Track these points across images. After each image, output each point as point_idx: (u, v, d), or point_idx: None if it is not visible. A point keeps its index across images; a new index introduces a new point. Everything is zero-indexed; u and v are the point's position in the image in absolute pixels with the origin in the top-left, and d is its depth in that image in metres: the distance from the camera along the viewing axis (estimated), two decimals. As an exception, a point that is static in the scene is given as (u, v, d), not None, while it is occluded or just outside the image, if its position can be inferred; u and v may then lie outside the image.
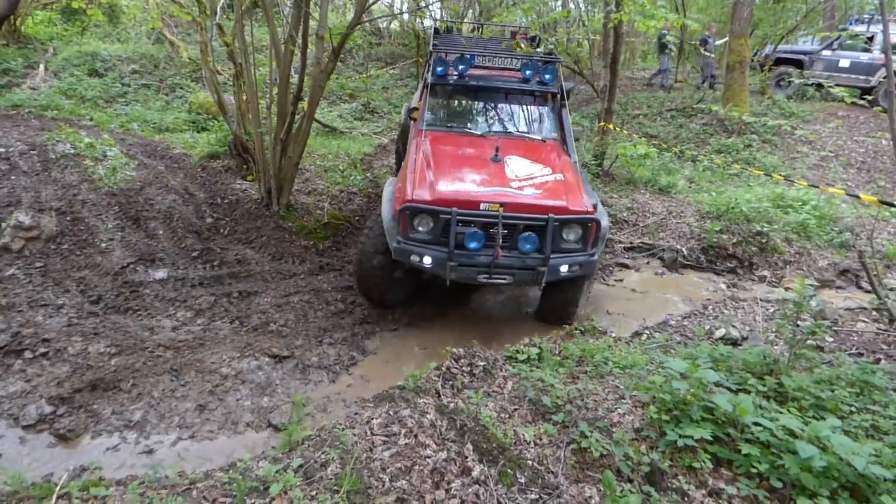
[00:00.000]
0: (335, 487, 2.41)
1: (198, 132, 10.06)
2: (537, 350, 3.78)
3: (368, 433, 2.88)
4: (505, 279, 4.24)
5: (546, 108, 5.58)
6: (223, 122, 8.55)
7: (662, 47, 14.09)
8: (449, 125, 5.43)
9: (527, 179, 4.49)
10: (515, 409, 3.06)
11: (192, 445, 3.36)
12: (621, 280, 6.13)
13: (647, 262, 6.58)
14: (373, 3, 8.70)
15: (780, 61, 13.76)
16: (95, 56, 13.62)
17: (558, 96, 5.54)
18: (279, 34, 6.75)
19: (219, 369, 4.05)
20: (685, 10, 14.20)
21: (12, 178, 6.58)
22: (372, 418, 3.01)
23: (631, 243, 6.87)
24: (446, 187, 4.33)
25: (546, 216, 4.12)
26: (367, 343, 4.63)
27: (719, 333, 4.58)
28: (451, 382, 3.37)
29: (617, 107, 10.56)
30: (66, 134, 7.94)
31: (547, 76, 5.40)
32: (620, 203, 7.74)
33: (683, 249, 6.62)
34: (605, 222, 4.65)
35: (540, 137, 5.32)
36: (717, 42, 14.66)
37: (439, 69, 5.36)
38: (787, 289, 5.64)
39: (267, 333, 4.71)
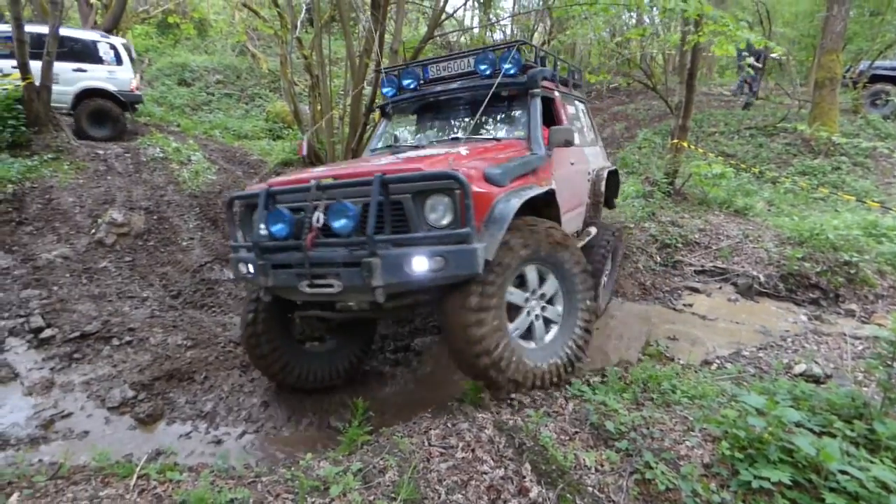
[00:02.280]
0: (392, 495, 2.43)
1: (273, 140, 10.58)
2: (600, 373, 3.67)
3: (426, 443, 2.89)
4: (332, 287, 2.97)
5: (514, 104, 4.34)
6: (298, 130, 8.93)
7: (743, 67, 13.44)
8: (390, 146, 4.52)
9: (411, 161, 3.28)
10: (576, 432, 2.98)
11: (256, 439, 3.49)
12: (690, 305, 5.86)
13: (720, 288, 6.27)
14: (445, 19, 8.88)
15: (875, 78, 12.82)
16: (185, 67, 14.63)
17: (535, 87, 4.25)
18: (354, 47, 7.00)
19: (284, 368, 4.20)
20: (770, 24, 13.52)
21: (108, 178, 7.15)
22: (430, 428, 3.02)
23: (702, 266, 6.57)
24: (292, 177, 3.50)
25: (369, 178, 2.88)
26: (420, 349, 4.66)
27: (799, 369, 4.28)
28: (510, 399, 3.33)
29: (692, 124, 10.18)
30: (156, 139, 8.56)
31: (507, 66, 4.12)
32: (692, 224, 7.43)
33: (760, 276, 6.25)
34: (516, 200, 3.10)
35: (495, 138, 4.20)
36: (774, 55, 13.80)
37: (385, 90, 4.66)
38: (879, 325, 5.20)
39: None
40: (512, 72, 4.13)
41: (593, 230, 5.13)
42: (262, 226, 3.12)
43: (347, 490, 2.40)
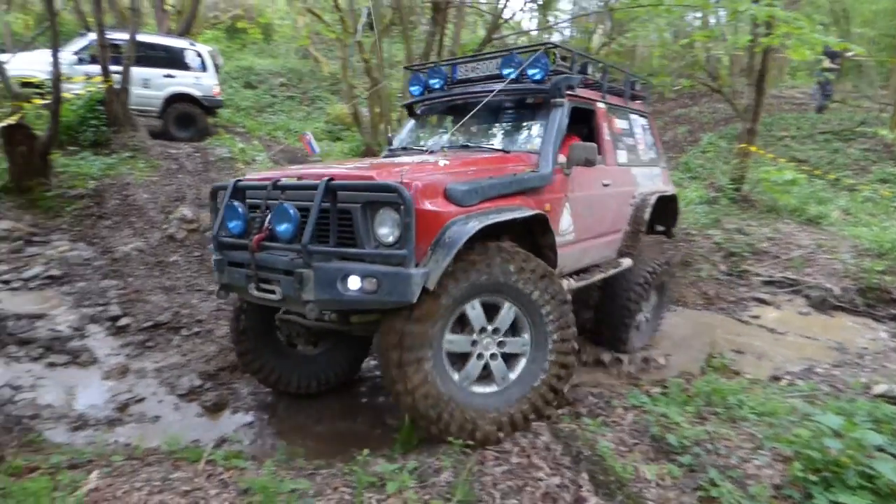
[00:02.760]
0: (447, 495, 2.44)
1: (333, 141, 10.85)
2: (660, 384, 3.55)
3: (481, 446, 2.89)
4: (274, 294, 2.78)
5: (539, 113, 3.82)
6: (357, 132, 9.12)
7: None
8: (405, 147, 4.29)
9: (364, 168, 3.10)
10: (636, 444, 2.89)
11: (312, 432, 3.58)
12: (757, 317, 5.58)
13: (790, 300, 5.94)
14: (503, 22, 8.87)
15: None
16: (250, 70, 15.24)
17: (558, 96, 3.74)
18: (413, 51, 7.10)
19: (340, 364, 4.30)
20: (848, 24, 12.73)
21: (179, 176, 7.54)
22: (485, 432, 3.02)
23: (770, 277, 6.25)
24: (268, 172, 3.36)
25: (316, 182, 2.67)
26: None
27: (879, 389, 3.99)
28: (566, 407, 3.27)
29: (760, 127, 9.71)
30: (223, 139, 8.96)
31: (533, 72, 3.72)
32: (760, 232, 7.09)
33: (835, 289, 5.88)
34: (498, 219, 2.82)
35: (504, 149, 3.74)
36: (850, 53, 12.85)
37: (413, 89, 4.39)
38: (970, 346, 4.79)
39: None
40: (538, 77, 3.71)
41: (626, 262, 4.40)
42: (218, 221, 3.04)
43: (403, 488, 2.43)
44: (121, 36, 8.81)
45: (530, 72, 3.72)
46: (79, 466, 2.59)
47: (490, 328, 2.88)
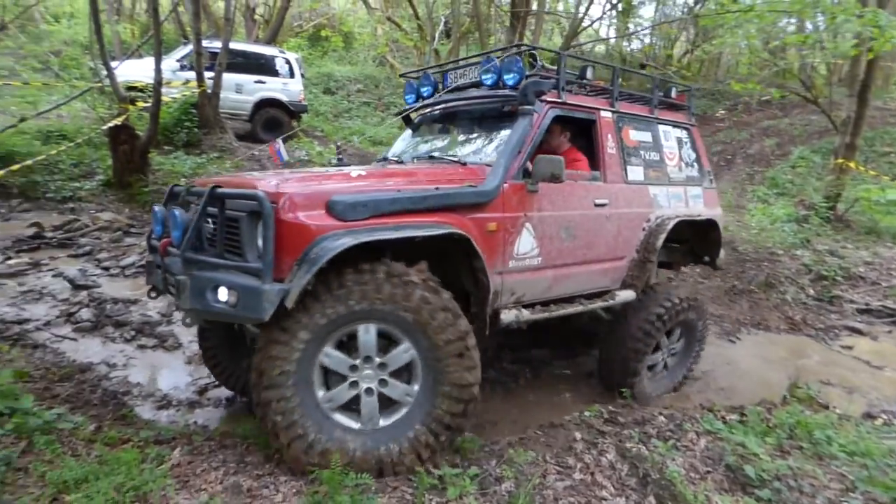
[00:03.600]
0: (507, 506, 2.42)
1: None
2: (738, 411, 3.35)
3: (542, 459, 2.83)
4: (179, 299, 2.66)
5: (507, 123, 3.45)
6: (429, 138, 9.26)
7: None
8: (394, 157, 4.06)
9: (256, 177, 2.90)
10: (708, 472, 2.74)
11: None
12: (850, 347, 5.15)
13: (889, 332, 5.44)
14: (583, 29, 8.72)
15: None
16: (330, 76, 15.85)
17: (524, 102, 3.35)
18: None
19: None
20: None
21: (262, 175, 7.95)
22: (547, 444, 2.96)
23: (867, 305, 5.76)
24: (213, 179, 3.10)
25: (206, 189, 2.58)
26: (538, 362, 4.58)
27: None
28: (637, 428, 3.15)
29: (861, 142, 8.99)
30: (303, 142, 9.37)
31: (507, 77, 3.41)
32: (856, 255, 6.55)
33: (943, 322, 5.34)
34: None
35: (461, 161, 3.41)
36: None
37: (407, 97, 4.20)
38: None
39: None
40: (510, 83, 3.39)
41: (624, 295, 3.80)
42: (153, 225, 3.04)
43: (464, 493, 2.42)
44: (218, 45, 9.44)
45: (506, 77, 3.42)
46: (163, 442, 2.77)
47: (378, 360, 2.58)
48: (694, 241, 4.44)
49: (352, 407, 2.59)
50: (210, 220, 2.66)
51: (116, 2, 15.87)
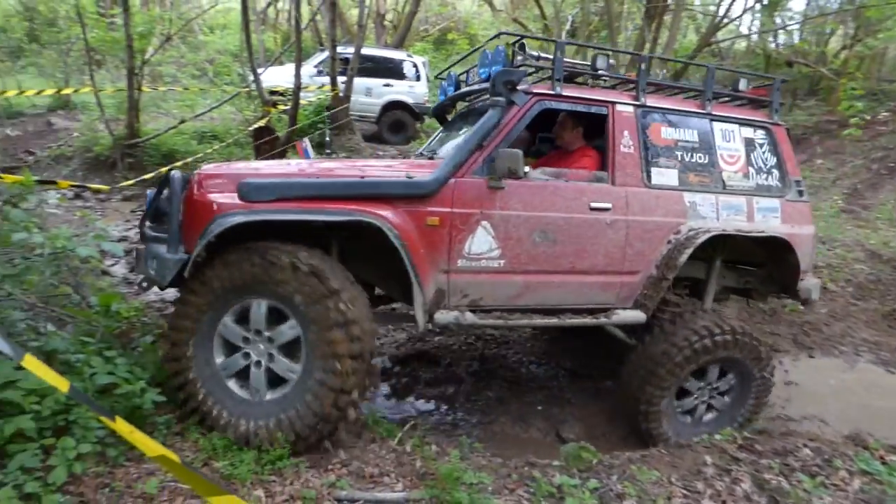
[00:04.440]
0: (628, 525, 2.32)
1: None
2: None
3: (666, 479, 2.69)
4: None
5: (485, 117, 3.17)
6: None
7: None
8: (423, 153, 4.01)
9: (265, 165, 3.50)
10: (865, 519, 2.43)
11: (487, 431, 3.67)
12: None
13: None
14: (725, 25, 8.09)
15: None
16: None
17: (493, 94, 3.12)
18: (620, 58, 6.85)
19: (519, 369, 4.36)
20: None
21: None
22: (672, 465, 2.81)
23: None
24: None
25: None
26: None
27: None
28: (777, 459, 2.88)
29: None
30: (423, 144, 9.66)
31: (481, 70, 3.33)
32: None
33: None
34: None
35: (430, 156, 3.55)
36: None
37: (441, 96, 4.17)
38: None
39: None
40: (483, 75, 3.31)
41: (631, 316, 3.28)
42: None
43: (583, 505, 2.37)
44: (351, 50, 10.05)
45: (480, 70, 3.33)
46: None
47: (266, 334, 2.69)
48: (772, 265, 3.73)
49: (245, 379, 2.76)
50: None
51: (263, 13, 17.46)
